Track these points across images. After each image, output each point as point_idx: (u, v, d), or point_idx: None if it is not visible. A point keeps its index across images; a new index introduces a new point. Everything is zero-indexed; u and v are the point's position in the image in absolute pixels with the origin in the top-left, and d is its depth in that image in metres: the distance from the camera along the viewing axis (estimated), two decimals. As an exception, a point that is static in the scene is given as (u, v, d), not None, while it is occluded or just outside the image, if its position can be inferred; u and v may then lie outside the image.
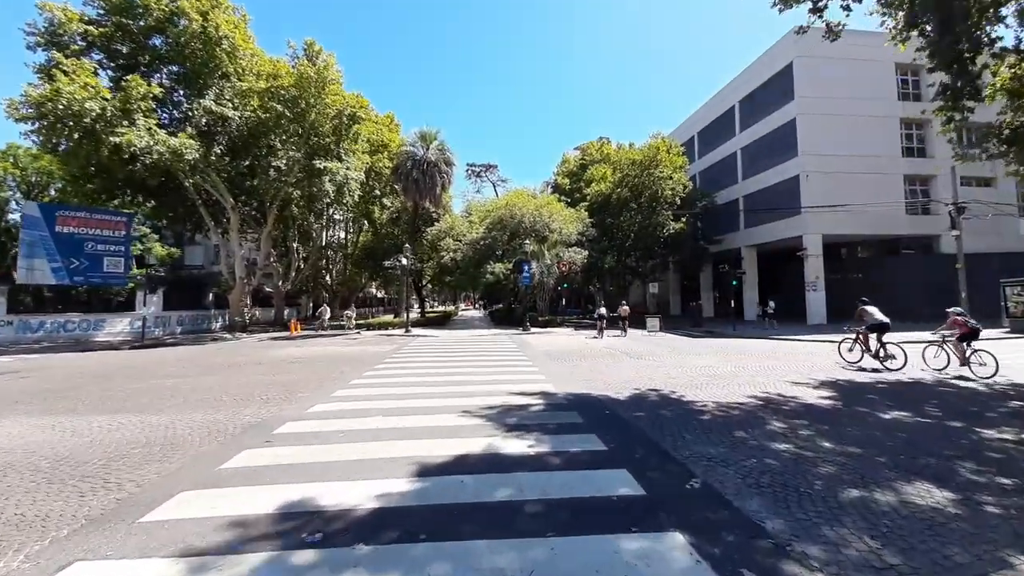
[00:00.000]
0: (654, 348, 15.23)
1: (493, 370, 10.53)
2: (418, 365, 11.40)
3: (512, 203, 26.58)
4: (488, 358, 12.68)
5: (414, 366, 11.25)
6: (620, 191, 30.21)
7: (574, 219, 27.10)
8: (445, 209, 32.90)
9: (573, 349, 15.12)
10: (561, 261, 24.63)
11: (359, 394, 7.97)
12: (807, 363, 11.39)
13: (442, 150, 25.47)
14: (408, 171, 24.75)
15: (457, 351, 14.44)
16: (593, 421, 6.03)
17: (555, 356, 13.22)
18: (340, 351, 15.01)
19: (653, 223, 27.81)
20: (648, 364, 11.45)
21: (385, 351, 14.81)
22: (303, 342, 18.99)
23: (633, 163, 29.58)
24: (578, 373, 10.12)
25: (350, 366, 11.38)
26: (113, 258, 23.46)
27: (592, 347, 15.77)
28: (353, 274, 40.12)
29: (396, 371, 10.49)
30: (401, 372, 10.28)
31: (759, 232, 30.80)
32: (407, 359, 12.70)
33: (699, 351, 14.27)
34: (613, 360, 12.31)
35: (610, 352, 14.14)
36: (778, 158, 29.60)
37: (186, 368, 11.67)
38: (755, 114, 31.54)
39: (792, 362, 11.60)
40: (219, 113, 22.24)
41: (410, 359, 12.70)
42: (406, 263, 22.10)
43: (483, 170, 46.80)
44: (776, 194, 29.58)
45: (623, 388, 8.31)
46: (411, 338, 20.04)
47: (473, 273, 25.41)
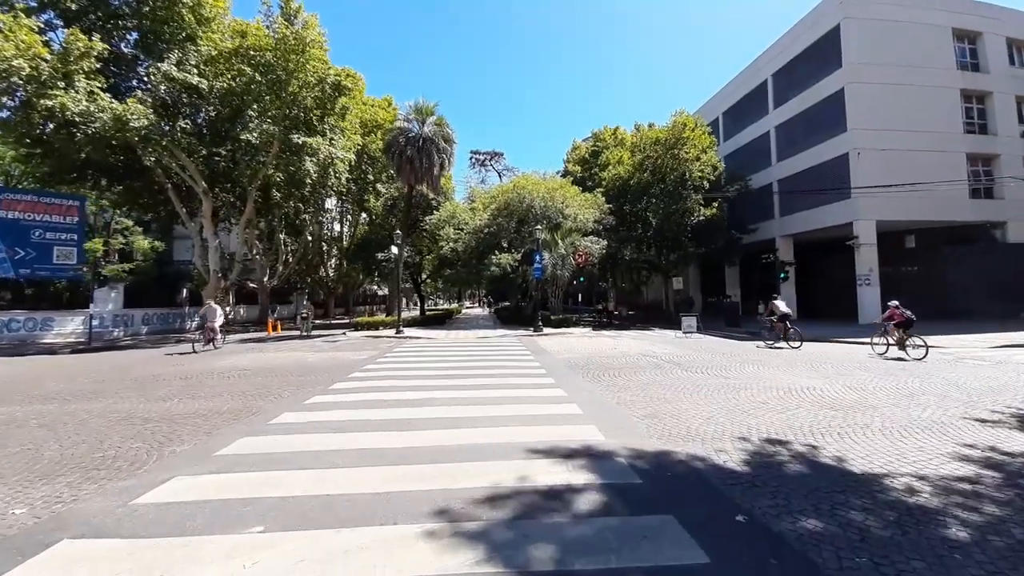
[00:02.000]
0: (706, 356, 11.73)
1: (499, 396, 7.10)
2: (389, 386, 8.00)
3: (520, 186, 23.11)
4: (492, 373, 9.24)
5: (383, 388, 7.84)
6: (641, 174, 26.63)
7: (591, 204, 23.59)
8: (445, 196, 29.48)
9: (601, 356, 11.67)
10: (577, 251, 21.15)
11: (258, 455, 4.55)
12: (941, 379, 7.86)
13: (440, 125, 22.08)
14: (402, 148, 21.37)
15: (451, 360, 11.02)
16: (730, 558, 2.58)
17: (582, 368, 9.77)
18: (301, 359, 11.66)
19: (680, 209, 24.19)
20: (719, 384, 7.96)
21: (359, 360, 11.43)
22: (272, 346, 15.70)
23: (656, 142, 25.96)
24: (629, 401, 6.67)
25: (292, 388, 7.99)
26: (64, 247, 20.32)
27: (624, 352, 12.32)
28: (349, 270, 36.86)
29: (350, 400, 7.08)
30: (356, 402, 6.87)
31: (797, 220, 27.09)
32: (379, 374, 9.30)
33: (769, 361, 10.74)
34: (662, 374, 8.85)
35: (653, 361, 10.67)
36: (821, 135, 25.86)
37: (78, 384, 8.37)
38: (792, 87, 27.78)
39: (919, 378, 8.07)
40: (181, 81, 18.92)
41: (383, 374, 9.30)
42: (397, 252, 18.74)
43: (488, 158, 43.33)
44: (819, 176, 25.86)
45: (719, 438, 4.86)
46: (400, 341, 16.68)
47: (476, 265, 21.99)
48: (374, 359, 11.43)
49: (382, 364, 10.50)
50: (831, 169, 25.29)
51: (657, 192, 25.84)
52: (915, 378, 8.29)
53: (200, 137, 22.38)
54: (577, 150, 38.67)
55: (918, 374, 8.72)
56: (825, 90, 25.64)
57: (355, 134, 25.49)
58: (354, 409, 6.19)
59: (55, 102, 15.78)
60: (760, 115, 29.89)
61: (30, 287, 23.87)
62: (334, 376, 8.92)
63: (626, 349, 13.27)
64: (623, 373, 9.07)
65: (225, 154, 23.64)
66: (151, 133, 17.57)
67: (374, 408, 6.23)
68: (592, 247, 21.88)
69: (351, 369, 9.77)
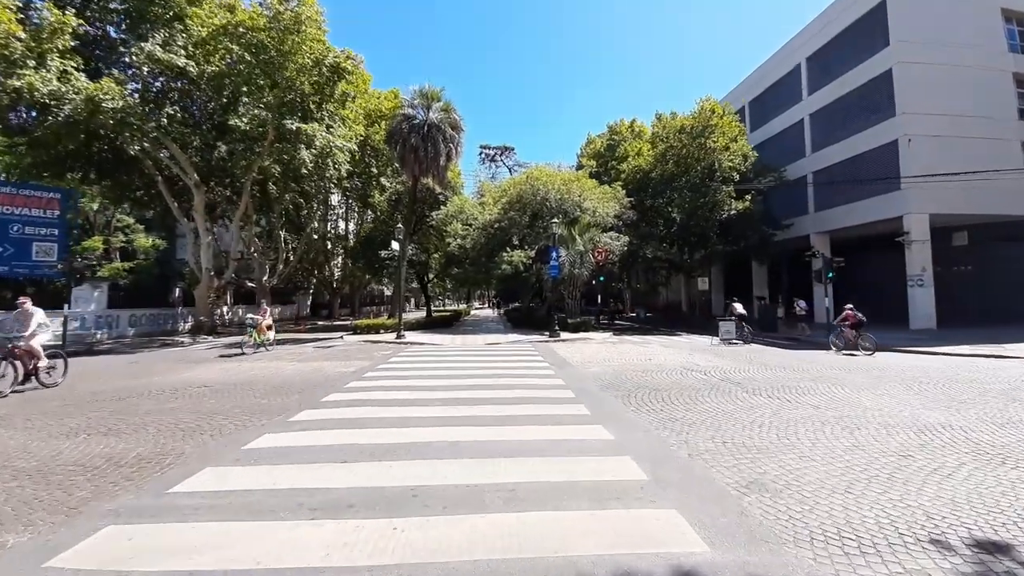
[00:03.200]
0: (764, 371, 9.58)
1: (516, 440, 5.08)
2: (370, 418, 6.02)
3: (534, 177, 21.07)
4: (504, 397, 7.22)
5: (360, 422, 5.86)
6: (663, 166, 24.43)
7: (610, 197, 21.47)
8: (453, 190, 27.54)
9: (636, 370, 9.59)
10: (597, 248, 19.05)
11: (171, 529, 2.58)
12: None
13: (447, 111, 20.13)
14: (405, 136, 19.47)
15: (454, 378, 9.01)
16: None
17: (618, 388, 7.71)
18: (276, 373, 9.76)
19: (709, 202, 21.93)
20: (813, 418, 5.83)
21: (346, 373, 9.50)
22: (254, 353, 13.88)
23: (680, 131, 23.74)
24: (705, 452, 4.57)
25: (242, 419, 6.06)
26: (44, 243, 18.80)
27: (660, 365, 10.22)
28: (354, 269, 35.16)
29: (309, 444, 5.13)
30: (319, 448, 4.89)
31: (835, 215, 24.66)
32: (362, 397, 7.33)
33: (849, 380, 8.56)
34: (727, 399, 6.75)
35: (703, 379, 8.56)
36: (865, 121, 23.43)
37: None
38: (830, 71, 25.36)
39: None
40: (167, 62, 17.25)
41: (367, 397, 7.33)
42: (398, 247, 16.85)
43: (498, 153, 41.35)
44: (861, 167, 23.44)
45: (898, 543, 2.77)
46: (399, 347, 14.74)
47: (485, 264, 20.00)
48: (363, 372, 9.49)
49: (370, 381, 8.54)
50: (876, 159, 22.85)
51: (682, 185, 23.62)
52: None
53: (192, 126, 20.79)
54: (592, 144, 36.58)
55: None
56: (869, 72, 23.22)
57: (357, 124, 23.73)
58: (310, 465, 4.21)
59: (23, 82, 14.18)
60: (792, 103, 27.46)
61: (32, 285, 22.49)
62: (304, 399, 6.99)
63: (662, 361, 11.16)
64: (674, 397, 6.98)
65: (217, 144, 22.08)
66: (128, 116, 15.89)
67: (339, 463, 4.25)
68: (612, 244, 19.76)
69: (330, 388, 7.82)
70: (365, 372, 9.42)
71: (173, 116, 20.43)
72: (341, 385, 8.01)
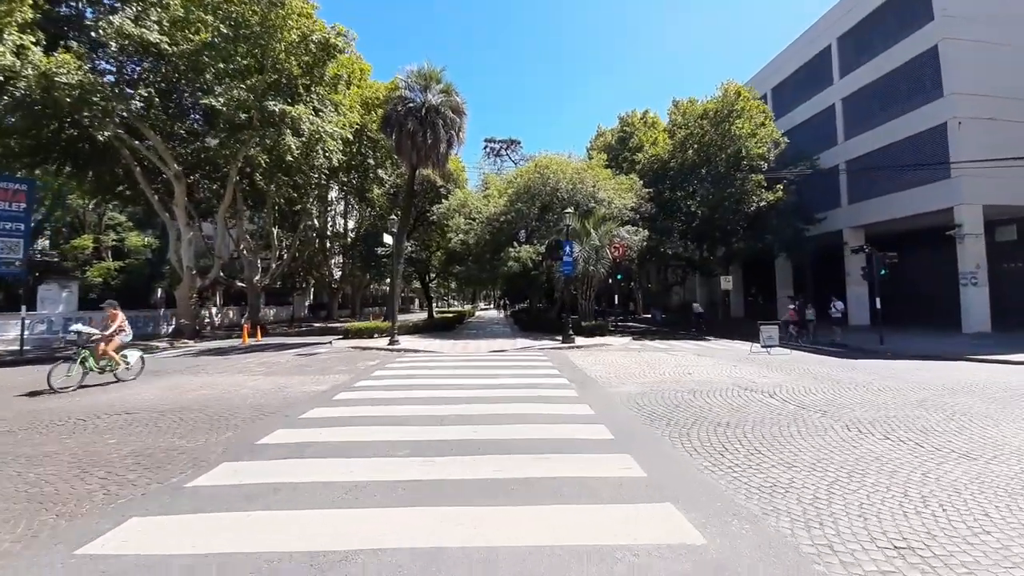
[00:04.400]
0: (850, 393, 7.47)
1: (533, 519, 3.05)
2: (316, 480, 4.02)
3: (543, 165, 19.04)
4: (512, 436, 5.20)
5: (298, 492, 3.86)
6: (683, 154, 22.30)
7: (626, 188, 19.37)
8: (456, 183, 25.58)
9: (677, 389, 7.53)
10: (613, 242, 16.98)
11: None
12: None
13: (448, 93, 18.13)
14: (401, 120, 17.50)
15: (446, 401, 7.00)
16: None
17: (674, 424, 5.63)
18: (231, 391, 7.81)
19: (736, 193, 19.76)
20: (997, 479, 3.74)
21: (314, 393, 7.53)
22: (220, 363, 11.95)
23: (702, 116, 21.58)
24: (850, 563, 2.50)
25: (146, 467, 4.11)
26: (8, 239, 17.02)
27: (705, 380, 8.15)
28: (353, 268, 33.32)
29: (206, 528, 3.11)
30: (216, 546, 2.88)
31: (871, 208, 22.38)
32: (314, 439, 5.32)
33: (977, 408, 6.44)
34: (834, 444, 4.67)
35: (769, 404, 6.49)
36: (907, 104, 21.16)
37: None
38: (865, 50, 23.08)
39: None
40: (138, 37, 15.45)
41: (322, 439, 5.33)
42: (391, 242, 14.91)
43: (504, 147, 39.39)
44: (901, 155, 21.14)
45: None
46: (391, 356, 12.75)
47: (490, 260, 17.99)
48: (333, 393, 7.51)
49: (336, 408, 6.55)
50: (921, 145, 20.56)
51: (703, 175, 21.49)
52: None
53: (171, 111, 19.03)
54: (602, 136, 34.49)
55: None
56: (911, 50, 20.94)
57: (352, 111, 21.86)
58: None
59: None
60: (821, 87, 25.19)
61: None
62: (234, 441, 5.02)
63: (705, 375, 9.06)
64: (751, 439, 4.92)
65: (199, 131, 20.28)
66: (88, 95, 14.08)
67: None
68: (630, 238, 17.66)
69: (278, 421, 5.84)
70: (337, 393, 7.43)
71: (150, 100, 18.70)
72: (296, 415, 6.02)
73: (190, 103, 19.36)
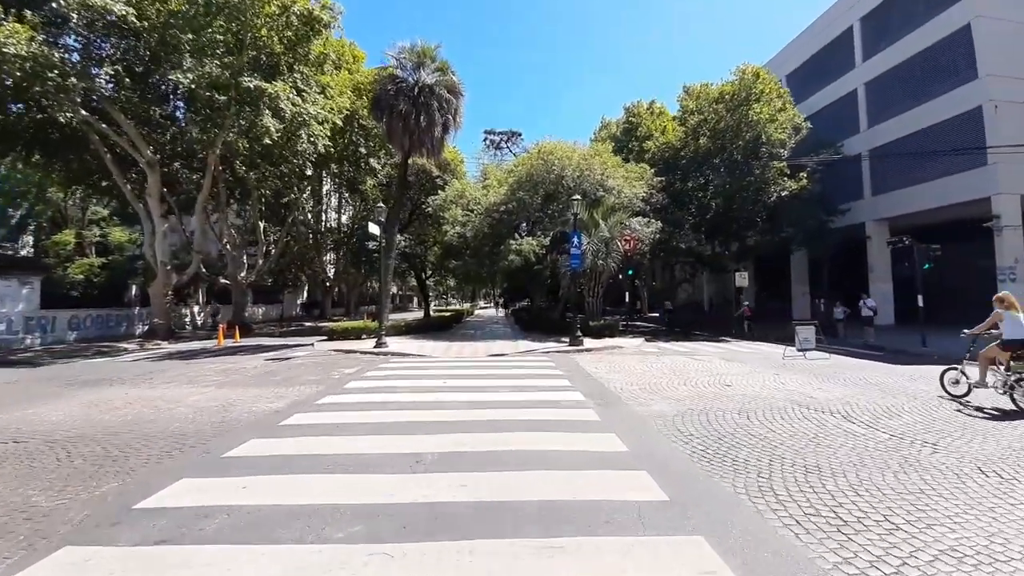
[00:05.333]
0: (936, 411, 5.88)
1: None
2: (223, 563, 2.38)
3: (547, 151, 17.42)
4: (516, 497, 3.59)
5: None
6: (696, 142, 20.67)
7: (636, 177, 17.75)
8: (454, 173, 23.94)
9: (735, 415, 5.92)
10: (624, 235, 15.37)
11: None
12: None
13: (443, 72, 16.49)
14: (392, 101, 15.87)
15: (430, 430, 5.38)
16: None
17: (744, 468, 4.03)
18: (169, 407, 6.23)
19: (756, 182, 18.13)
20: None
21: (267, 412, 5.94)
22: (176, 370, 10.37)
23: (717, 100, 19.93)
24: None
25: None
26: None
27: (754, 396, 6.57)
28: (347, 264, 31.69)
29: None
30: None
31: (897, 199, 20.75)
32: (235, 485, 3.75)
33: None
34: (964, 495, 3.06)
35: (852, 430, 4.89)
36: (937, 87, 19.52)
37: None
38: (890, 32, 21.42)
39: None
40: (102, 8, 13.81)
41: (249, 484, 3.76)
42: (377, 232, 13.32)
43: (504, 140, 37.74)
44: (933, 140, 19.50)
45: None
46: (374, 361, 11.14)
47: (489, 254, 16.39)
48: (289, 414, 5.92)
49: (281, 441, 4.93)
50: (952, 131, 18.92)
51: (717, 164, 19.88)
52: None
53: (150, 97, 17.43)
54: (607, 128, 32.85)
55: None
56: (941, 30, 19.30)
57: (342, 96, 20.22)
58: None
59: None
60: (842, 71, 23.54)
61: None
62: (131, 488, 3.45)
63: (746, 386, 7.46)
64: (856, 490, 3.34)
65: (176, 115, 18.67)
66: (41, 69, 12.46)
67: None
68: (643, 230, 16.04)
69: (195, 460, 4.26)
70: (291, 414, 5.82)
71: (119, 79, 17.09)
72: (220, 451, 4.42)
73: (164, 85, 17.74)
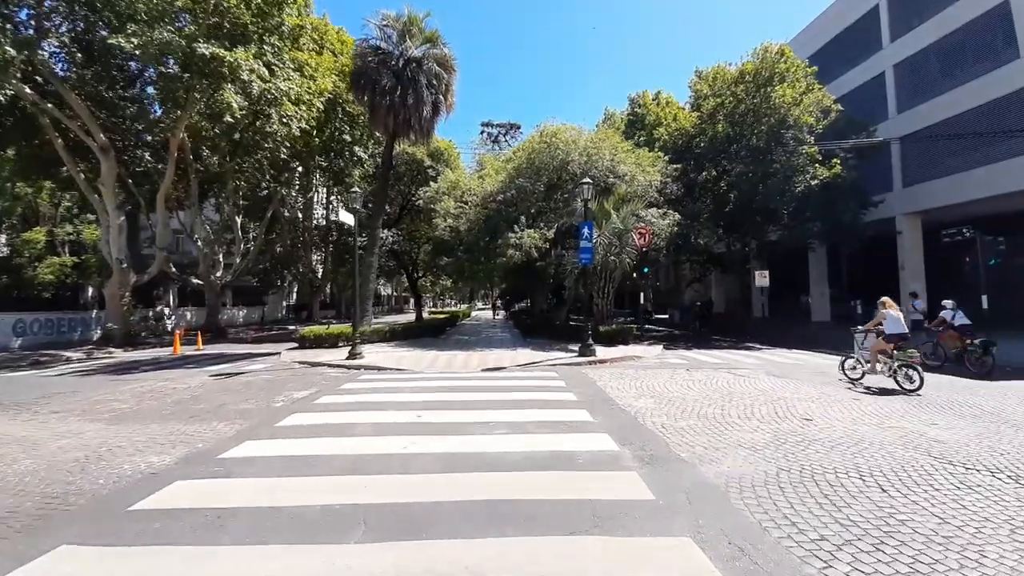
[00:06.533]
0: None
1: None
2: None
3: (551, 133, 15.37)
4: None
5: None
6: (713, 127, 18.65)
7: (649, 163, 15.71)
8: (448, 163, 21.86)
9: (851, 473, 3.86)
10: (638, 227, 13.32)
11: None
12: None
13: (433, 43, 14.44)
14: (375, 74, 13.80)
15: (386, 508, 3.30)
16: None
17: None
18: (2, 469, 4.11)
19: (785, 169, 16.09)
20: None
21: (138, 478, 3.85)
22: (96, 387, 8.25)
23: (737, 81, 17.91)
24: None
25: None
26: None
27: (891, 458, 4.52)
28: (335, 263, 29.56)
29: None
30: None
31: (933, 191, 18.74)
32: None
33: None
34: None
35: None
36: (974, 68, 17.55)
37: None
38: (921, 9, 19.45)
39: None
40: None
41: None
42: (351, 220, 11.22)
43: (503, 132, 35.68)
44: (973, 125, 17.52)
45: None
46: (342, 377, 9.03)
47: (484, 249, 14.31)
48: (180, 472, 3.84)
49: (128, 547, 2.84)
50: (996, 114, 16.95)
51: (735, 152, 17.86)
52: None
53: (105, 76, 15.37)
54: (611, 119, 30.72)
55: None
56: (978, 6, 17.32)
57: (325, 77, 18.15)
58: None
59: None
60: (868, 54, 21.57)
61: None
62: None
63: (835, 423, 5.37)
64: None
65: (135, 96, 16.58)
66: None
67: None
68: (658, 223, 13.99)
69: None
70: (172, 480, 3.71)
71: (71, 54, 15.12)
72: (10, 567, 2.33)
73: (121, 61, 15.65)
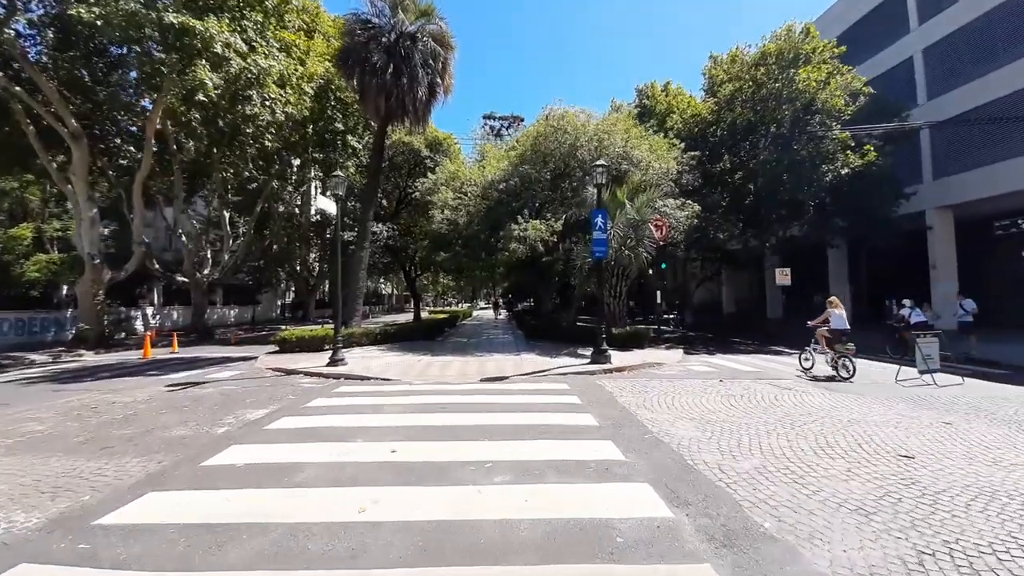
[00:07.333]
0: None
1: None
2: None
3: (558, 117, 14.03)
4: None
5: None
6: (732, 113, 17.29)
7: (665, 149, 14.39)
8: (447, 154, 20.59)
9: (1003, 556, 2.56)
10: (655, 218, 12.02)
11: None
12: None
13: (428, 17, 13.15)
14: (365, 50, 12.53)
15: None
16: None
17: None
18: None
19: (814, 156, 14.73)
20: None
21: (10, 533, 2.56)
22: (31, 399, 7.01)
23: (758, 63, 16.54)
24: None
25: None
26: None
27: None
28: (331, 259, 28.25)
29: None
30: None
31: (965, 183, 17.34)
32: None
33: None
34: None
35: None
36: (1012, 51, 16.12)
37: None
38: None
39: None
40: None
41: None
42: (332, 209, 9.96)
43: (505, 126, 34.34)
44: (1012, 111, 16.11)
45: None
46: (315, 390, 7.73)
47: (485, 243, 13.04)
48: (29, 559, 2.55)
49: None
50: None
51: (759, 138, 16.52)
52: None
53: (78, 57, 14.15)
54: (618, 111, 29.36)
55: None
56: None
57: (318, 61, 16.92)
58: None
59: None
60: (894, 37, 20.14)
61: None
62: None
63: (940, 460, 4.09)
64: None
65: (112, 79, 15.32)
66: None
67: None
68: (677, 214, 12.67)
69: None
70: (14, 563, 2.45)
71: (44, 35, 13.95)
72: None
73: (94, 40, 14.42)
